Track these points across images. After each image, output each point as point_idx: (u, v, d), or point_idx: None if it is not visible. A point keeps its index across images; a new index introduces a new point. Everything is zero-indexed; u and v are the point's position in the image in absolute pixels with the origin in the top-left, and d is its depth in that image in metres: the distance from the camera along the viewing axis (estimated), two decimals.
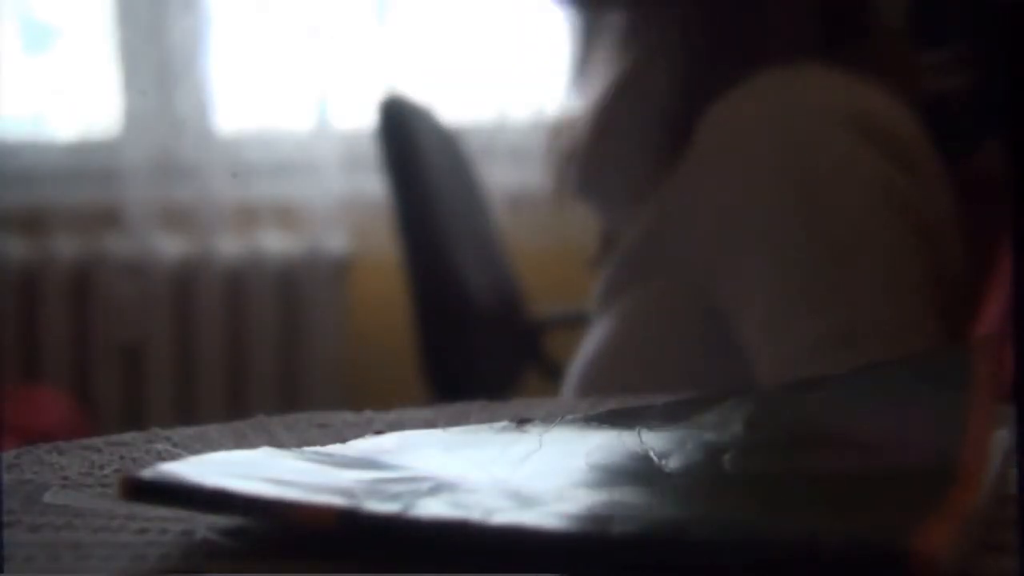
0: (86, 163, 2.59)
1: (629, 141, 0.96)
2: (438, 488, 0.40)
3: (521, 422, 0.50)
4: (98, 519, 0.41)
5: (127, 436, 0.55)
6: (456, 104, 2.40)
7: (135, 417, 2.49)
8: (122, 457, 0.51)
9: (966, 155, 0.93)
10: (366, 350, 2.54)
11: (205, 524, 0.40)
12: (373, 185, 2.16)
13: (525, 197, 2.46)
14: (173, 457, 0.51)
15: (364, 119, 2.22)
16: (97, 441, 0.54)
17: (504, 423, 0.50)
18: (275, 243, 2.56)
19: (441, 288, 1.80)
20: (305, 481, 0.41)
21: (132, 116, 2.59)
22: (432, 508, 0.37)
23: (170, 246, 2.58)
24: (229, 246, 2.56)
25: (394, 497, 0.39)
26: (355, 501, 0.38)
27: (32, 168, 2.55)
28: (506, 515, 0.37)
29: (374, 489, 0.40)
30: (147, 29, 2.56)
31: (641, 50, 0.96)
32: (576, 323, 2.20)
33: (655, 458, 0.44)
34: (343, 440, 0.49)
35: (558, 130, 1.02)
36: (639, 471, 0.43)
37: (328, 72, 2.52)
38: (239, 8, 2.62)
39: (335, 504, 0.38)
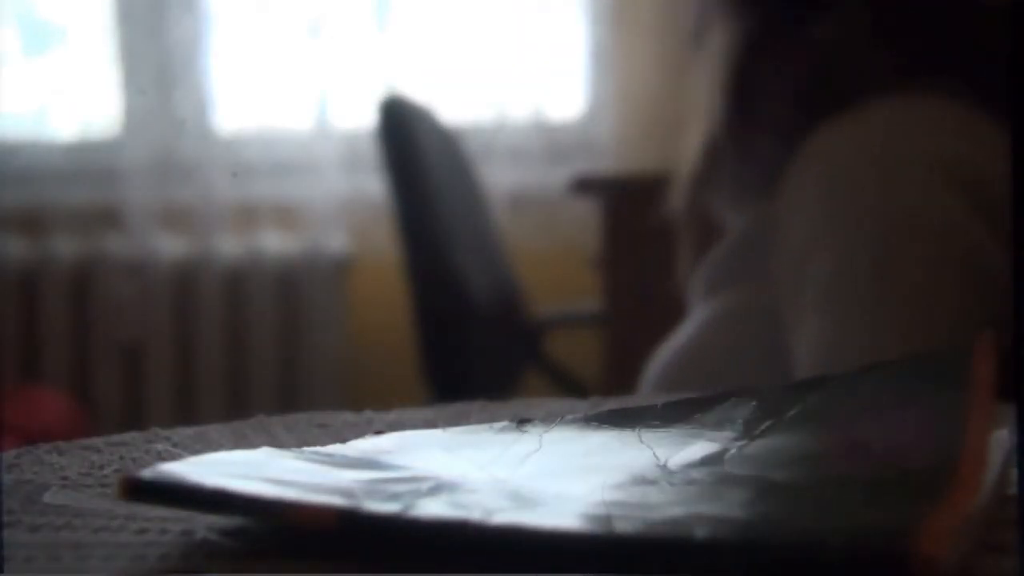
0: (86, 163, 2.59)
1: (749, 141, 0.96)
2: (438, 488, 0.40)
3: (521, 422, 0.50)
4: (98, 519, 0.41)
5: (127, 436, 0.55)
6: (456, 104, 2.41)
7: (135, 417, 2.49)
8: (122, 457, 0.51)
9: None
10: (366, 350, 2.54)
11: (205, 524, 0.40)
12: (373, 185, 2.17)
13: (525, 197, 2.46)
14: (173, 457, 0.51)
15: (364, 119, 2.22)
16: (97, 441, 0.54)
17: (504, 423, 0.50)
18: (275, 243, 2.56)
19: (441, 288, 1.80)
20: (305, 481, 0.41)
21: (132, 116, 2.59)
22: (432, 508, 0.37)
23: (170, 246, 2.58)
24: (229, 246, 2.56)
25: (394, 497, 0.39)
26: (355, 501, 0.38)
27: (32, 168, 2.55)
28: (506, 515, 0.37)
29: (374, 489, 0.40)
30: (147, 29, 2.56)
31: (770, 59, 0.96)
32: (576, 323, 2.21)
33: (655, 458, 0.44)
34: (343, 440, 0.49)
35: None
36: (639, 471, 0.43)
37: (328, 72, 2.52)
38: (239, 8, 2.62)
39: (335, 504, 0.38)
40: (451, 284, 1.80)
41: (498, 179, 2.40)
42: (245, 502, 0.38)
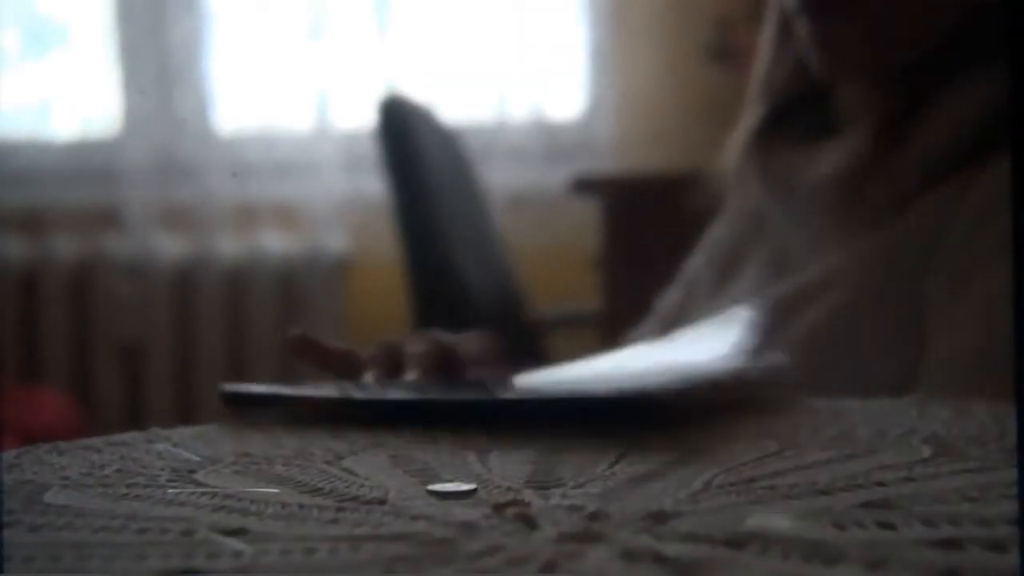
0: (86, 163, 2.59)
1: (927, 155, 0.97)
2: None
3: None
4: (98, 519, 0.41)
5: (127, 436, 0.55)
6: (456, 104, 2.41)
7: (135, 417, 2.49)
8: (122, 457, 0.51)
9: None
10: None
11: (205, 524, 0.40)
12: (373, 185, 2.16)
13: (525, 197, 2.46)
14: (173, 457, 0.51)
15: (364, 119, 2.22)
16: (97, 441, 0.54)
17: None
18: (275, 243, 2.56)
19: (441, 288, 1.80)
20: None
21: (132, 116, 2.59)
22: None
23: (170, 246, 2.58)
24: (229, 246, 2.56)
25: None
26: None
27: (32, 168, 2.55)
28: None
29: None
30: (147, 29, 2.56)
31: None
32: (576, 323, 2.21)
33: None
34: None
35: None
36: None
37: (328, 72, 2.52)
38: (239, 8, 2.62)
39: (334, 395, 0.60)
40: (451, 284, 1.80)
41: (498, 179, 2.40)
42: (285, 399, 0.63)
